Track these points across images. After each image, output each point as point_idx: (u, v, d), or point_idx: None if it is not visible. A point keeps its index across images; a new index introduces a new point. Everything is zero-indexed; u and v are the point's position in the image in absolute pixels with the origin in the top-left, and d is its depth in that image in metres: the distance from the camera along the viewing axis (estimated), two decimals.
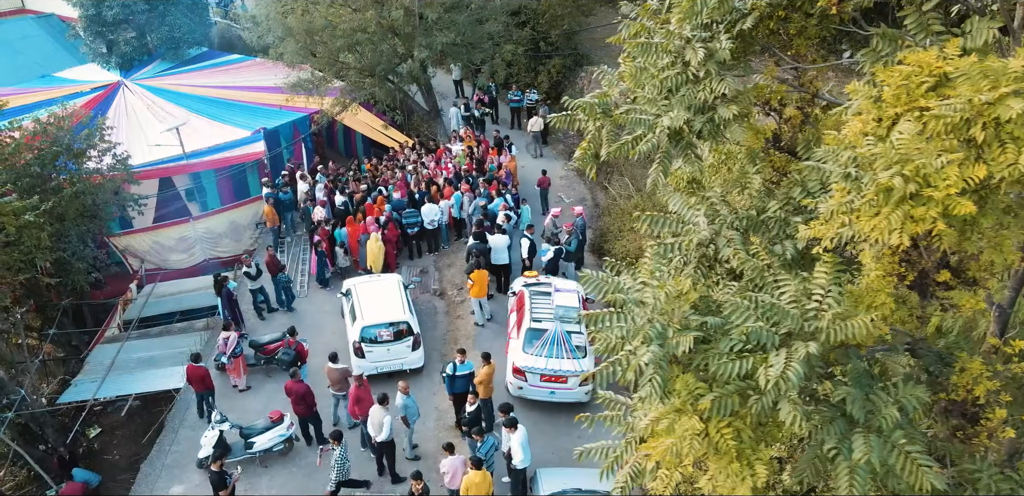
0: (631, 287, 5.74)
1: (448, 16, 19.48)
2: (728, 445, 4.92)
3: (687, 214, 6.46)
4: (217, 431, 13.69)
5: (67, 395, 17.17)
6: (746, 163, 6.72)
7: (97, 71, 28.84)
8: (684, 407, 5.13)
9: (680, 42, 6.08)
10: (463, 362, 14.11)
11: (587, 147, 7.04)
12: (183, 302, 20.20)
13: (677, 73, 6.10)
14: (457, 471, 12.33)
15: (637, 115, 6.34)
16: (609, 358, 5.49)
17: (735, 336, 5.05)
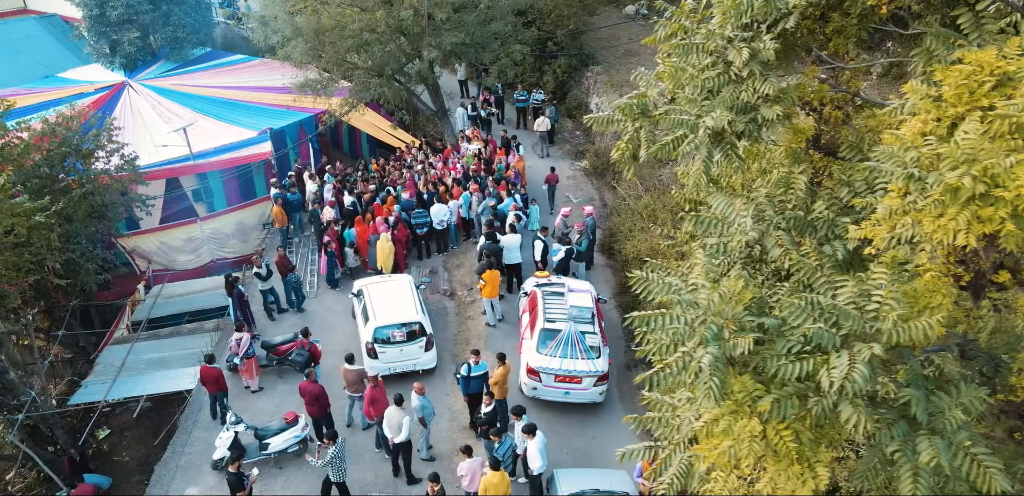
0: (681, 288, 5.70)
1: (457, 16, 19.45)
2: (788, 447, 4.89)
3: (731, 215, 6.43)
4: (232, 432, 13.64)
5: (78, 396, 17.12)
6: (790, 163, 6.69)
7: (101, 71, 28.78)
8: (741, 409, 5.11)
9: (722, 42, 6.05)
10: (477, 363, 14.08)
11: (625, 147, 7.01)
12: (192, 303, 20.16)
13: (719, 73, 6.08)
14: (475, 474, 12.30)
15: (678, 116, 6.31)
16: (663, 360, 5.45)
17: (793, 337, 5.03)
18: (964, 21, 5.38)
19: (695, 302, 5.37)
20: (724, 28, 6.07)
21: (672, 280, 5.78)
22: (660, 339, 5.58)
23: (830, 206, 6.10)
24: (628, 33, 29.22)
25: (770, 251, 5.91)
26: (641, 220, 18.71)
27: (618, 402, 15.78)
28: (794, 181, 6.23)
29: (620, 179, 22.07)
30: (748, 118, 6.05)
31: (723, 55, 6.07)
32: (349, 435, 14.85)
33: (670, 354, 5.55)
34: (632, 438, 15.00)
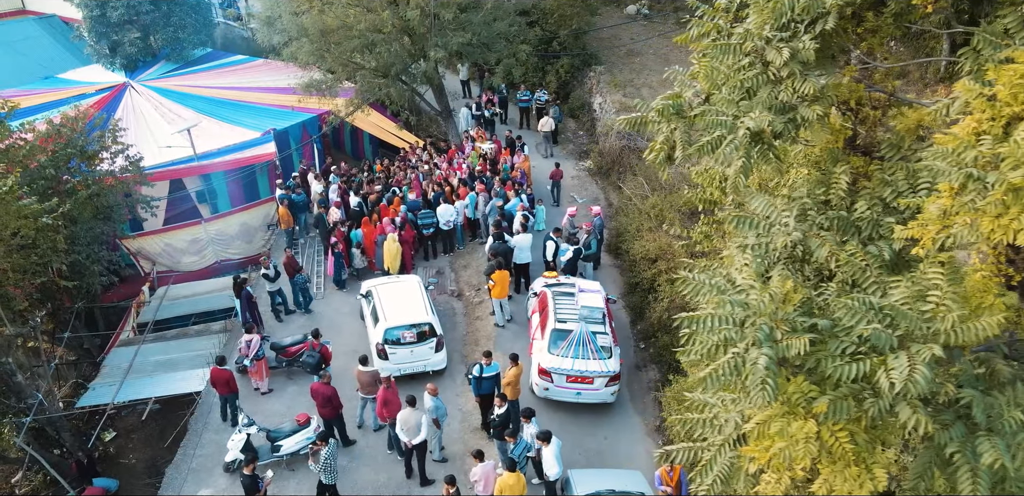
0: (728, 289, 5.67)
1: (464, 16, 19.42)
2: (844, 449, 4.88)
3: (773, 215, 6.41)
4: (244, 434, 13.58)
5: (85, 399, 17.03)
6: (828, 163, 6.68)
7: (101, 72, 28.62)
8: (795, 410, 5.09)
9: (760, 42, 6.04)
10: (489, 364, 14.05)
11: (660, 148, 6.99)
12: (198, 304, 20.07)
13: (757, 74, 6.07)
14: (489, 477, 12.28)
15: (716, 117, 6.30)
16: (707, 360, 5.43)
17: (847, 338, 5.01)
18: (1011, 21, 5.38)
19: (745, 303, 5.35)
20: (762, 28, 6.06)
21: (719, 281, 5.75)
22: (709, 340, 5.55)
23: (872, 206, 6.09)
24: (630, 33, 29.28)
25: (815, 251, 5.90)
26: (648, 220, 18.70)
27: (629, 402, 15.79)
28: (835, 181, 6.21)
29: (625, 179, 22.09)
30: (787, 118, 6.04)
31: (761, 55, 6.06)
32: (360, 437, 14.84)
33: (719, 355, 5.53)
34: (644, 438, 15.05)
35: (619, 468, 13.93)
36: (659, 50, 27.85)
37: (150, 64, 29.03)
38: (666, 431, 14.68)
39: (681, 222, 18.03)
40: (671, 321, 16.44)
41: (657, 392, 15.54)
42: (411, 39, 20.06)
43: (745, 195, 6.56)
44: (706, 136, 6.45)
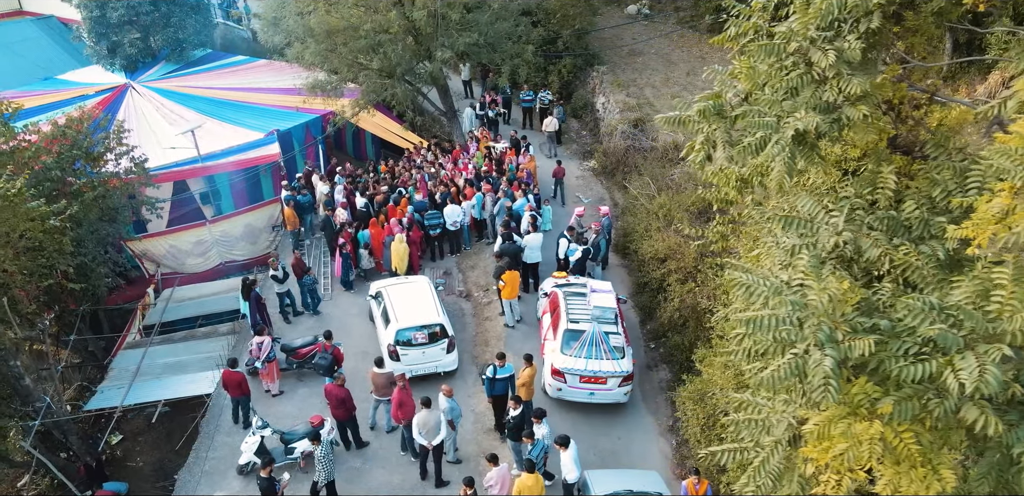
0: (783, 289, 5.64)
1: (471, 16, 19.38)
2: (910, 450, 4.86)
3: (819, 215, 6.40)
4: (259, 437, 13.54)
5: (94, 402, 16.93)
6: (874, 163, 6.67)
7: (101, 73, 28.47)
8: (859, 411, 5.07)
9: (805, 43, 6.03)
10: (503, 365, 14.02)
11: (700, 149, 6.97)
12: (204, 306, 19.99)
13: (801, 74, 6.06)
14: (504, 480, 12.26)
15: (759, 117, 6.28)
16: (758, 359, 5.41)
17: (909, 339, 5.00)
18: None
19: (803, 303, 5.34)
20: (806, 28, 6.05)
21: (775, 281, 5.72)
22: (764, 340, 5.52)
23: (919, 206, 6.08)
24: (631, 33, 29.30)
25: (866, 251, 5.88)
26: (656, 220, 18.70)
27: (641, 402, 15.79)
28: (883, 181, 6.20)
29: (631, 179, 22.09)
30: (832, 118, 6.02)
31: (805, 55, 6.05)
32: (373, 438, 14.80)
33: (775, 357, 5.50)
34: (657, 438, 15.05)
35: (635, 468, 13.95)
36: (660, 50, 27.88)
37: (150, 65, 28.90)
38: (680, 431, 14.69)
39: (690, 222, 18.05)
40: (682, 321, 16.53)
41: (671, 392, 15.55)
42: (417, 39, 20.01)
43: (793, 195, 6.53)
44: (748, 136, 6.43)
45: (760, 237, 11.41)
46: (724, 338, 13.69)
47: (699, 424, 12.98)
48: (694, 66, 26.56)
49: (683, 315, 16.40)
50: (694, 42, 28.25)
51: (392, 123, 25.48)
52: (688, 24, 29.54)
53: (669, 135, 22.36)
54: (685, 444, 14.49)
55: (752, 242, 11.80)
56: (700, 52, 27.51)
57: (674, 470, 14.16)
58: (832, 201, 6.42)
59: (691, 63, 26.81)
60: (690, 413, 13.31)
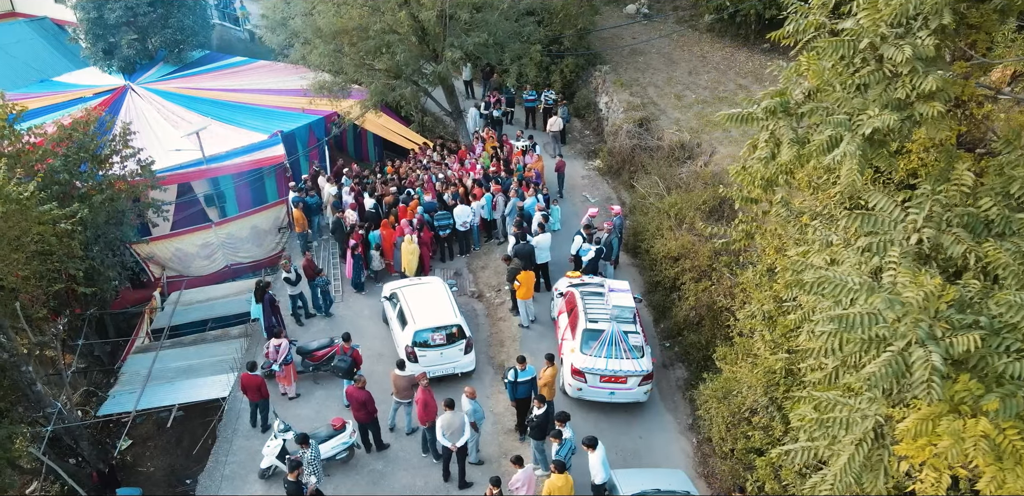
0: (860, 288, 5.62)
1: (480, 16, 19.33)
2: (1015, 446, 4.87)
3: (896, 212, 6.39)
4: (281, 440, 13.43)
5: (107, 407, 16.77)
6: (946, 160, 6.67)
7: (98, 75, 28.18)
8: (963, 408, 5.07)
9: (876, 39, 6.03)
10: (524, 368, 13.96)
11: (765, 146, 6.96)
12: (214, 309, 19.84)
13: (872, 70, 6.07)
14: (531, 481, 12.23)
15: (831, 115, 6.27)
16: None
17: (1010, 335, 5.01)
18: None
19: (899, 301, 5.33)
20: (877, 25, 6.05)
21: (865, 279, 5.71)
22: (853, 338, 5.50)
23: (997, 202, 6.10)
24: (631, 32, 29.33)
25: (949, 248, 5.89)
26: (668, 219, 18.72)
27: (659, 400, 15.81)
28: (959, 177, 6.21)
29: (638, 178, 22.12)
30: (904, 116, 6.04)
31: (875, 51, 6.05)
32: (393, 440, 14.72)
33: (866, 354, 5.48)
34: (678, 437, 15.07)
35: (659, 467, 13.96)
36: (661, 49, 27.91)
37: (148, 66, 28.65)
38: (702, 429, 14.73)
39: (702, 220, 18.10)
40: (697, 319, 16.55)
41: (690, 390, 15.58)
42: (424, 40, 19.92)
43: (865, 193, 6.53)
44: (815, 134, 6.43)
45: (786, 235, 11.45)
46: (744, 336, 13.74)
47: (724, 422, 12.99)
48: (695, 66, 26.64)
49: (699, 313, 16.43)
50: (694, 41, 28.30)
51: (395, 123, 25.40)
52: (687, 23, 29.60)
53: (675, 134, 22.40)
54: (707, 442, 14.52)
55: (777, 240, 11.83)
56: (701, 51, 27.57)
57: (696, 468, 14.19)
58: (908, 197, 6.41)
59: (692, 62, 26.87)
60: (714, 411, 13.33)
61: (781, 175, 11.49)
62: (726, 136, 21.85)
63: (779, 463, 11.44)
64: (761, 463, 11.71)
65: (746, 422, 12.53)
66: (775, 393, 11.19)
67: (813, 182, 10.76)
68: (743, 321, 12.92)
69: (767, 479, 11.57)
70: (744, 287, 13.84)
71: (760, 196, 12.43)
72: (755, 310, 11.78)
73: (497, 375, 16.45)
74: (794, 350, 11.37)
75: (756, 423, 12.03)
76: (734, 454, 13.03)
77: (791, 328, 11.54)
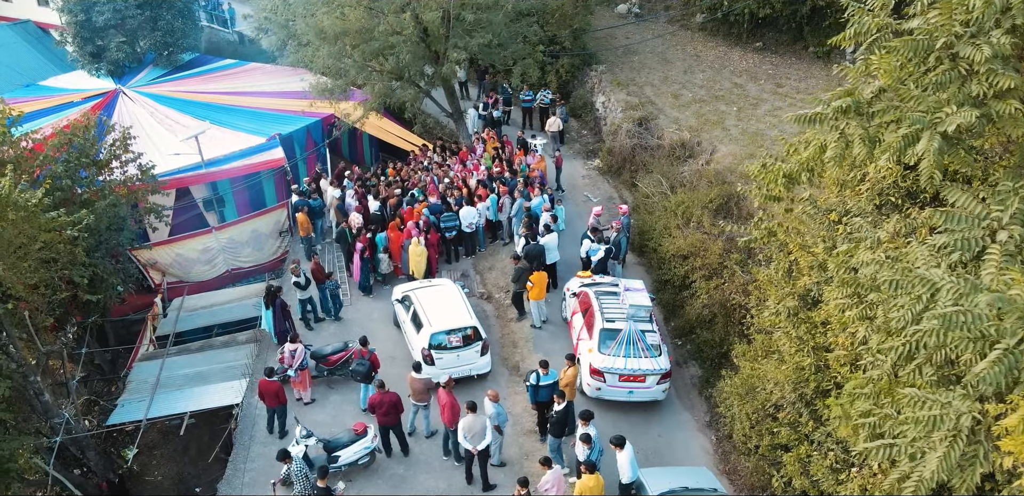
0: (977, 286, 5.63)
1: (485, 16, 19.26)
2: None
3: (978, 209, 6.44)
4: (303, 446, 13.29)
5: (116, 416, 16.51)
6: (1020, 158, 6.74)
7: (86, 79, 27.71)
8: None
9: (951, 38, 6.09)
10: (547, 373, 13.92)
11: (837, 145, 6.99)
12: (218, 315, 19.60)
13: (947, 69, 6.12)
14: (560, 482, 12.22)
15: (907, 113, 6.32)
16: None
17: None
18: None
19: (1005, 299, 5.37)
20: (951, 24, 6.11)
21: (971, 279, 5.72)
22: (959, 337, 5.53)
23: None
24: (624, 32, 29.44)
25: None
26: (675, 217, 18.79)
27: (676, 398, 15.87)
28: None
29: (640, 177, 22.19)
30: (981, 113, 6.10)
31: (950, 50, 6.11)
32: (413, 444, 14.63)
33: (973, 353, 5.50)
34: (697, 434, 15.14)
35: (680, 465, 14.02)
36: (655, 49, 28.03)
37: (137, 70, 28.23)
38: (721, 426, 14.81)
39: (710, 218, 18.20)
40: (710, 317, 16.63)
41: (710, 388, 15.66)
42: (426, 41, 19.81)
43: (945, 189, 6.58)
44: (888, 132, 6.47)
45: (811, 232, 11.53)
46: (764, 333, 13.83)
47: (747, 419, 13.06)
48: (690, 65, 26.78)
49: (712, 311, 16.52)
50: (687, 40, 28.47)
51: (393, 125, 25.26)
52: (679, 23, 29.76)
53: (675, 133, 22.49)
54: (727, 439, 14.60)
55: (801, 238, 11.90)
56: (694, 51, 27.74)
57: (718, 465, 14.26)
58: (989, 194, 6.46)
59: (687, 62, 27.02)
60: (736, 408, 13.39)
61: (804, 173, 11.60)
62: (726, 135, 21.99)
63: (808, 459, 11.54)
64: (789, 459, 11.79)
65: (771, 419, 12.60)
66: (804, 389, 11.27)
67: (841, 180, 10.85)
68: (764, 318, 12.98)
69: (795, 475, 11.64)
70: (760, 284, 13.92)
71: (782, 194, 12.53)
72: (779, 308, 11.84)
73: (512, 376, 16.44)
74: (821, 347, 11.47)
75: (782, 419, 12.10)
76: (758, 451, 13.10)
77: (817, 325, 11.65)
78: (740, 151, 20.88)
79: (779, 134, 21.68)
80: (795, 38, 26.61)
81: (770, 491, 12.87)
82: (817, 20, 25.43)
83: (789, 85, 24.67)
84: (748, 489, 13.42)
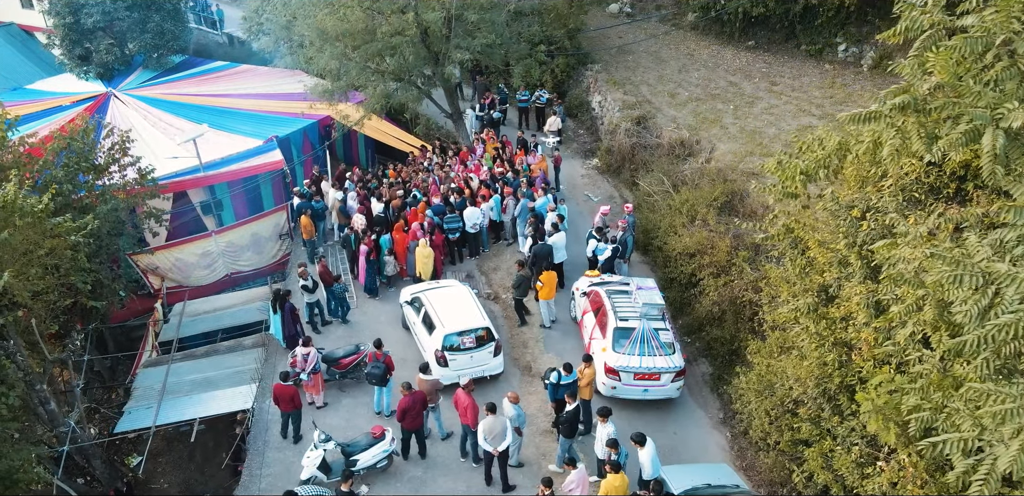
0: None
1: (488, 16, 19.22)
2: None
3: None
4: (321, 451, 13.19)
5: (123, 423, 16.27)
6: None
7: (75, 82, 27.38)
8: None
9: (1010, 34, 6.15)
10: (569, 373, 13.88)
11: (893, 142, 7.03)
12: (222, 320, 19.40)
13: (1006, 66, 6.19)
14: (584, 482, 12.22)
15: (970, 109, 6.38)
16: None
17: None
18: None
19: None
20: (1009, 21, 6.17)
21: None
22: None
23: None
24: (617, 31, 29.52)
25: None
26: (680, 216, 18.86)
27: (688, 396, 15.93)
28: None
29: (641, 176, 22.24)
30: None
31: (1007, 47, 6.17)
32: (429, 446, 14.55)
33: None
34: (712, 431, 15.21)
35: (697, 462, 14.06)
36: (649, 48, 28.13)
37: (127, 72, 27.95)
38: (736, 423, 14.89)
39: (716, 216, 18.29)
40: (720, 314, 16.69)
41: (722, 385, 15.73)
42: (426, 42, 19.72)
43: (1007, 184, 6.63)
44: (946, 129, 6.53)
45: (831, 228, 11.61)
46: (778, 329, 13.91)
47: (766, 415, 13.11)
48: (684, 63, 26.90)
49: (721, 308, 16.59)
50: (680, 39, 28.59)
51: (389, 126, 25.15)
52: (670, 22, 29.90)
53: (674, 132, 22.59)
54: (742, 436, 14.68)
55: (816, 234, 11.99)
56: (688, 49, 27.86)
57: (734, 461, 14.33)
58: None
59: (681, 60, 27.13)
60: (754, 404, 13.43)
61: (821, 170, 11.68)
62: (724, 133, 22.11)
63: (830, 454, 11.62)
64: (811, 454, 11.85)
65: (790, 414, 12.67)
66: (828, 385, 11.34)
67: (862, 176, 10.95)
68: (779, 314, 13.04)
69: (817, 470, 11.70)
70: (772, 281, 14.00)
71: (799, 191, 12.61)
72: (799, 304, 11.92)
73: (524, 377, 16.43)
74: (841, 342, 11.56)
75: (803, 415, 12.16)
76: (777, 447, 13.17)
77: (836, 320, 11.74)
78: (739, 149, 21.02)
79: (777, 131, 21.91)
80: (787, 37, 26.80)
81: (789, 486, 12.95)
82: (809, 19, 25.67)
83: (784, 83, 24.83)
84: (767, 485, 13.49)
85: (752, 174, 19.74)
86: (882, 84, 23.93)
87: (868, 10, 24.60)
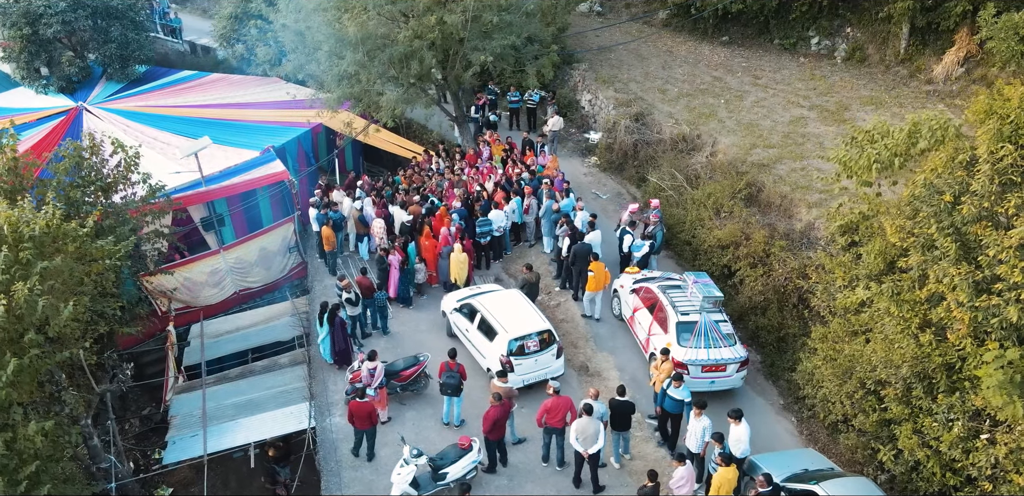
0: None
1: (507, 17, 19.05)
2: None
3: None
4: (413, 467, 12.85)
5: (171, 454, 15.44)
6: None
7: (34, 97, 25.72)
8: None
9: None
10: (679, 386, 13.71)
11: None
12: (249, 339, 18.60)
13: None
14: (691, 478, 12.33)
15: None
16: None
17: None
18: None
19: None
20: None
21: None
22: None
23: None
24: (595, 30, 29.77)
25: None
26: (705, 209, 19.19)
27: (745, 385, 16.20)
28: None
29: (649, 171, 22.48)
30: None
31: None
32: (509, 453, 14.36)
33: None
34: (777, 418, 15.55)
35: (775, 449, 14.34)
36: (627, 46, 28.48)
37: (89, 85, 26.50)
38: (798, 408, 15.28)
39: (741, 208, 18.67)
40: (764, 302, 17.06)
41: (780, 372, 16.10)
42: (444, 45, 19.42)
43: None
44: None
45: (919, 215, 12.04)
46: (839, 315, 14.35)
47: (848, 399, 13.44)
48: (666, 60, 27.37)
49: (766, 297, 16.96)
50: (655, 37, 29.06)
51: (387, 131, 24.62)
52: (641, 20, 30.35)
53: (674, 127, 22.95)
54: (810, 420, 15.07)
55: (900, 220, 12.40)
56: (665, 47, 28.37)
57: (807, 445, 14.68)
58: None
59: (661, 57, 27.60)
60: (834, 388, 13.72)
61: (896, 158, 12.09)
62: (722, 126, 22.61)
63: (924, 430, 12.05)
64: (905, 432, 12.25)
65: (874, 395, 13.06)
66: (926, 364, 11.74)
67: (946, 163, 11.39)
68: (850, 299, 13.41)
69: (914, 447, 12.08)
70: (831, 267, 14.41)
71: (872, 178, 13.01)
72: (884, 288, 12.33)
73: (582, 377, 16.40)
74: (927, 323, 12.03)
75: (889, 396, 12.54)
76: (855, 428, 13.56)
77: (921, 302, 12.19)
78: (741, 142, 21.54)
79: (772, 124, 22.54)
80: (760, 31, 27.60)
81: (873, 465, 13.36)
82: (783, 13, 26.49)
83: (766, 76, 25.56)
84: (847, 465, 13.85)
85: (762, 165, 20.27)
86: (858, 75, 24.99)
87: (839, 4, 25.59)
